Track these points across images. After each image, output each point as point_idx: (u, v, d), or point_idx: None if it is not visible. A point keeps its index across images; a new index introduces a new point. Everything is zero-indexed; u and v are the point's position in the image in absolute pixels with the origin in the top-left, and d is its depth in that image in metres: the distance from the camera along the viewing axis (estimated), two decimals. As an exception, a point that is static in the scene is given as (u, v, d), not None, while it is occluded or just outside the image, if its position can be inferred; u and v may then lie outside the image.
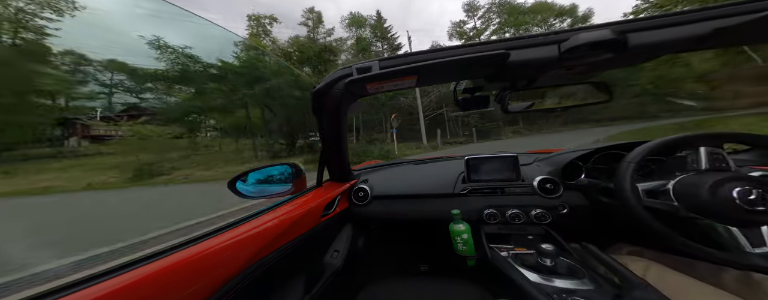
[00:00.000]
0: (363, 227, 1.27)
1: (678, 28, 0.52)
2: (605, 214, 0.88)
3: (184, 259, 0.48)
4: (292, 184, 0.98)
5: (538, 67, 0.61)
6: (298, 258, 0.82)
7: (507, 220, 0.95)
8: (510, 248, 0.87)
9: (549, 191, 0.95)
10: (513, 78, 0.74)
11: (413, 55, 0.63)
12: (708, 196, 0.55)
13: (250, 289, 0.61)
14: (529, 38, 0.58)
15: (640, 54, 0.58)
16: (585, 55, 0.57)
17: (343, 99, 0.74)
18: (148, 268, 0.43)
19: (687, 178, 0.63)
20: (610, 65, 0.66)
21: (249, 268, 0.60)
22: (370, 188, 1.14)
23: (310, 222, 0.85)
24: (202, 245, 0.53)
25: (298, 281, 0.82)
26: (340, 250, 1.06)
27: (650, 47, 0.54)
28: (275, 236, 0.68)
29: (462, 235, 0.91)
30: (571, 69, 0.65)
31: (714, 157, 0.65)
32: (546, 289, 0.65)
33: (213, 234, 0.58)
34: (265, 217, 0.72)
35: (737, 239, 0.55)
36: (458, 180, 1.10)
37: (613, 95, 0.75)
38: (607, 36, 0.52)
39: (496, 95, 0.80)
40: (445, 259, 1.16)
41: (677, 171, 0.67)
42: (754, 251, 0.54)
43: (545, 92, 0.83)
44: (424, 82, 0.76)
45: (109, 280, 0.40)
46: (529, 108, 0.84)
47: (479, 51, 0.59)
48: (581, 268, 0.70)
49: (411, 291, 0.87)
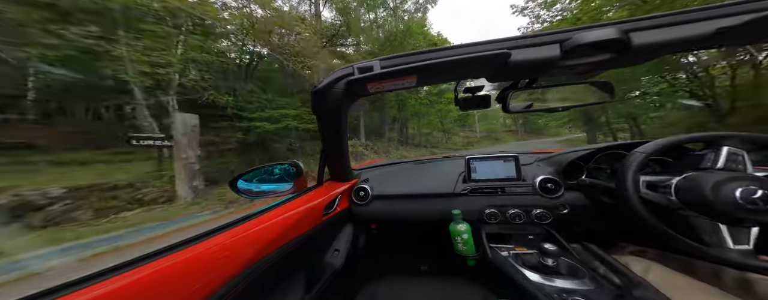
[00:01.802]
0: (363, 227, 1.27)
1: (680, 28, 0.51)
2: (606, 215, 0.87)
3: (186, 258, 0.48)
4: (293, 183, 0.98)
5: (539, 66, 0.60)
6: (299, 257, 0.82)
7: (507, 220, 0.95)
8: (511, 248, 0.87)
9: (550, 191, 0.95)
10: (514, 78, 0.74)
11: (414, 55, 0.63)
12: (710, 194, 0.55)
13: (252, 288, 0.61)
14: (531, 38, 0.58)
15: (642, 54, 0.58)
16: (587, 54, 0.57)
17: (344, 98, 0.74)
18: (149, 268, 0.43)
19: (693, 175, 0.62)
20: (612, 65, 0.65)
21: (250, 267, 0.60)
22: (371, 188, 1.14)
23: (311, 221, 0.85)
24: (203, 244, 0.53)
25: (299, 280, 0.82)
26: (341, 250, 1.06)
27: (652, 47, 0.53)
28: (277, 235, 0.68)
29: (462, 235, 0.91)
30: (572, 68, 0.65)
31: (732, 158, 0.64)
32: (547, 289, 0.65)
33: (214, 233, 0.59)
34: (266, 215, 0.72)
35: (721, 236, 0.56)
36: (459, 180, 1.10)
37: (614, 94, 0.75)
38: (609, 35, 0.52)
39: (497, 95, 0.80)
40: (446, 259, 1.16)
41: (688, 169, 0.67)
42: (733, 248, 0.54)
43: (546, 92, 0.83)
44: (424, 82, 0.76)
45: (110, 279, 0.40)
46: (530, 108, 0.84)
47: (480, 51, 0.58)
48: (582, 268, 0.70)
49: (411, 290, 0.87)
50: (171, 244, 0.51)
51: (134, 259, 0.45)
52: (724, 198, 0.53)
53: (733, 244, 0.54)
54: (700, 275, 0.62)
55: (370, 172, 1.33)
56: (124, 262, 0.44)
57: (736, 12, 0.49)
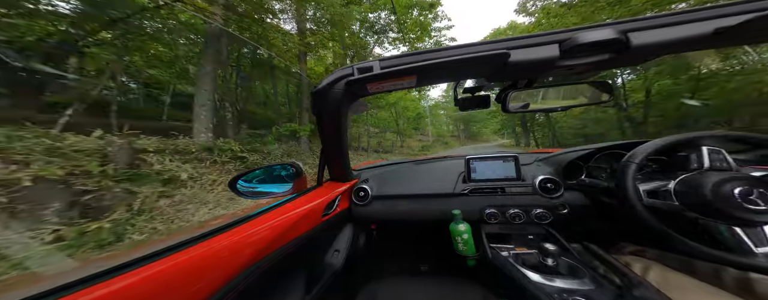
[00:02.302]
0: (363, 227, 1.27)
1: (679, 28, 0.52)
2: (606, 214, 0.87)
3: (186, 258, 0.48)
4: (293, 184, 0.98)
5: (538, 66, 0.61)
6: (299, 258, 0.82)
7: (507, 220, 0.95)
8: (511, 248, 0.87)
9: (550, 191, 0.95)
10: (513, 78, 0.74)
11: (414, 55, 0.64)
12: (710, 195, 0.55)
13: (252, 288, 0.61)
14: (530, 38, 0.58)
15: (641, 54, 0.58)
16: (586, 54, 0.57)
17: (344, 99, 0.74)
18: (150, 268, 0.43)
19: (688, 177, 0.63)
20: (610, 65, 0.66)
21: (250, 267, 0.60)
22: (371, 188, 1.14)
23: (310, 222, 0.85)
24: (203, 245, 0.53)
25: (299, 281, 0.82)
26: (341, 250, 1.06)
27: (651, 47, 0.54)
28: (276, 236, 0.68)
29: (462, 235, 0.91)
30: (571, 69, 0.65)
31: (715, 157, 0.65)
32: (547, 289, 0.65)
33: (214, 233, 0.58)
34: (266, 216, 0.72)
35: (741, 239, 0.55)
36: (458, 180, 1.10)
37: (613, 94, 0.75)
38: (608, 36, 0.52)
39: (497, 95, 0.80)
40: (446, 259, 1.16)
41: (679, 171, 0.67)
42: (757, 251, 0.54)
43: (546, 92, 0.83)
44: (424, 82, 0.76)
45: (110, 280, 0.40)
46: (529, 108, 0.85)
47: (479, 51, 0.59)
48: (582, 268, 0.70)
49: (411, 291, 0.87)
50: (171, 244, 0.51)
51: (135, 259, 0.45)
52: (725, 199, 0.53)
53: (755, 247, 0.54)
54: (700, 275, 0.62)
55: (369, 173, 1.33)
56: (126, 263, 0.44)
57: (735, 12, 0.49)
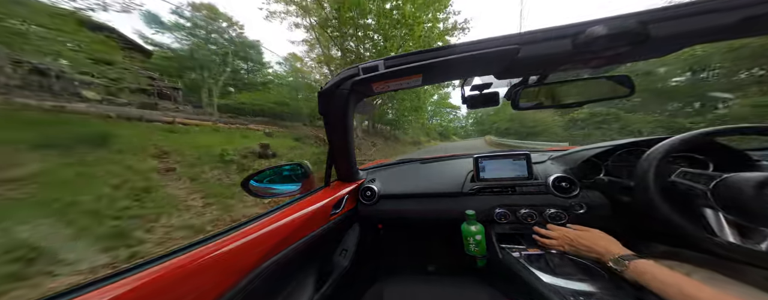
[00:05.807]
0: (370, 227, 1.27)
1: (703, 17, 0.48)
2: (626, 214, 0.84)
3: (198, 257, 0.49)
4: (302, 184, 0.99)
5: (550, 62, 0.58)
6: (308, 257, 0.82)
7: (519, 220, 0.92)
8: (522, 248, 0.84)
9: (564, 190, 0.92)
10: (524, 74, 0.71)
11: (419, 54, 0.62)
12: (753, 198, 0.47)
13: (262, 286, 0.62)
14: (541, 32, 0.56)
15: (663, 46, 0.55)
16: (602, 48, 0.55)
17: (350, 99, 0.74)
18: (162, 268, 0.45)
19: (725, 177, 0.54)
20: (629, 58, 0.62)
21: (261, 266, 0.61)
22: (378, 187, 1.13)
23: (318, 221, 0.86)
24: (215, 245, 0.54)
25: (307, 279, 0.83)
26: (348, 249, 1.06)
27: (673, 38, 0.51)
28: (286, 235, 0.69)
29: (475, 236, 0.89)
30: (586, 63, 0.62)
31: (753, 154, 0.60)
32: (561, 291, 0.63)
33: (226, 233, 0.60)
34: (276, 216, 0.73)
35: None
36: (467, 179, 1.08)
37: (635, 89, 0.71)
38: (625, 27, 0.49)
39: (507, 92, 0.78)
40: (454, 259, 1.14)
41: (712, 169, 0.62)
42: None
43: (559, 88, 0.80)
44: (429, 81, 0.74)
45: (123, 280, 0.41)
46: (542, 104, 0.81)
47: (487, 47, 0.57)
48: (599, 269, 0.68)
49: (419, 290, 0.86)
50: (183, 245, 0.53)
51: (148, 259, 0.47)
52: None
53: None
54: (725, 272, 0.59)
55: (376, 172, 1.32)
56: (138, 263, 0.45)
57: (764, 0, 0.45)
